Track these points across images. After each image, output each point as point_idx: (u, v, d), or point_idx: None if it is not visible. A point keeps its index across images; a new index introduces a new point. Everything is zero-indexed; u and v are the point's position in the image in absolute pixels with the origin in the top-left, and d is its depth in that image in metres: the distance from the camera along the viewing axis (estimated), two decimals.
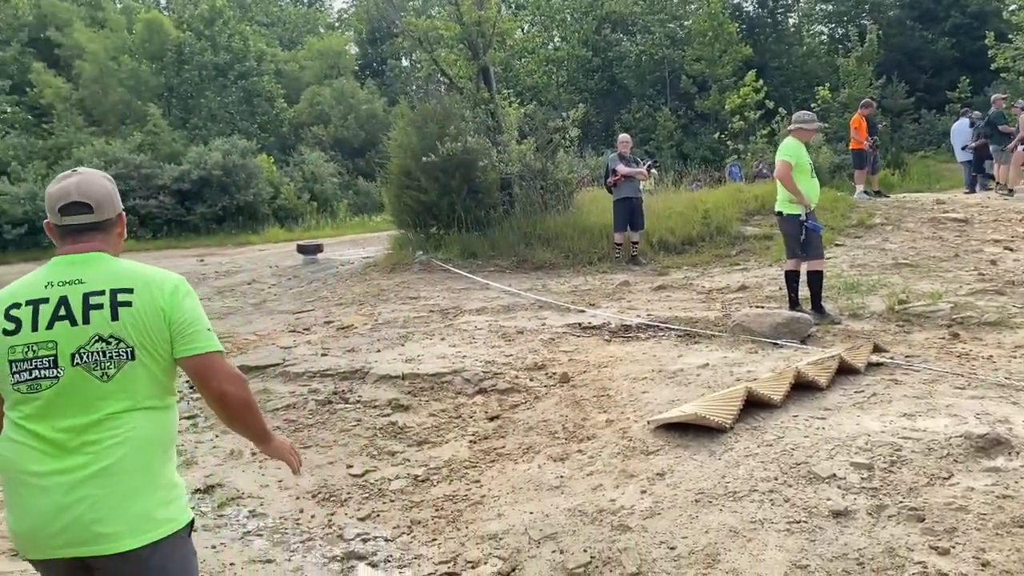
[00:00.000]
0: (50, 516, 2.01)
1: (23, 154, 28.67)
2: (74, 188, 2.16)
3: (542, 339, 7.23)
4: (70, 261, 2.15)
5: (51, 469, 2.03)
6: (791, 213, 7.37)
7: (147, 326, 2.10)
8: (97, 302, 2.08)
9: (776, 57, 38.70)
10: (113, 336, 2.07)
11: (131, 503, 2.04)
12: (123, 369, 2.07)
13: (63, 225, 2.16)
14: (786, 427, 4.47)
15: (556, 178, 13.31)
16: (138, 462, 2.07)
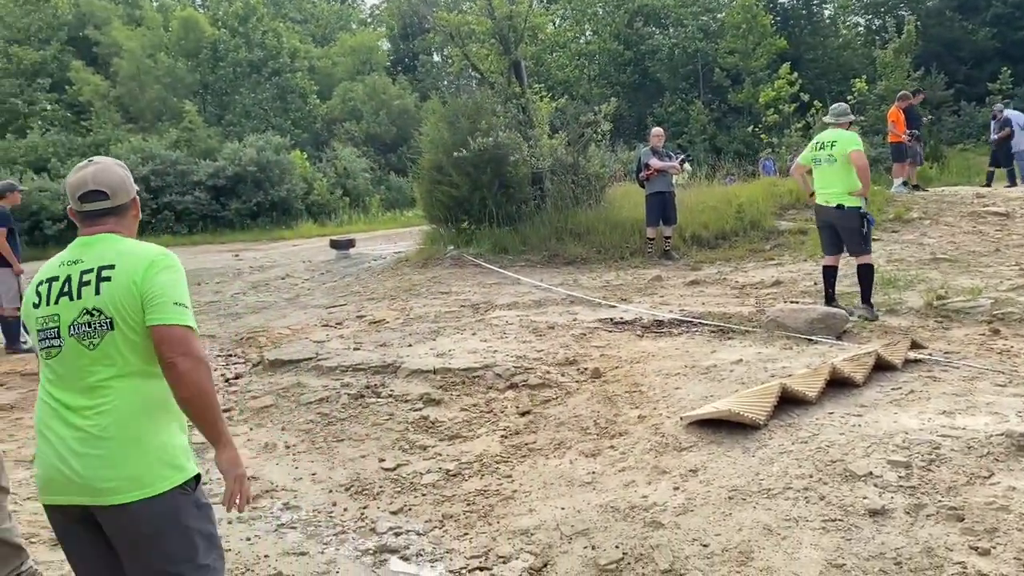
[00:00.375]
0: (57, 466, 2.26)
1: (62, 151, 29.20)
2: (91, 177, 2.38)
3: (573, 334, 7.21)
4: (82, 243, 2.39)
5: (58, 426, 2.28)
6: (853, 206, 7.20)
7: (123, 298, 2.26)
8: (87, 279, 2.29)
9: (811, 49, 38.17)
10: (96, 308, 2.27)
11: (122, 464, 2.23)
12: (105, 339, 2.26)
13: (83, 211, 2.39)
14: (821, 424, 4.41)
15: (588, 172, 13.24)
16: (128, 426, 2.25)
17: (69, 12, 39.00)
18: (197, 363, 2.25)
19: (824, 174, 7.29)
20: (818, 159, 7.33)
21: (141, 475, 2.23)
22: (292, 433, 5.54)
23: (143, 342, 2.27)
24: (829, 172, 7.25)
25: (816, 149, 7.36)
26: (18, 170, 26.26)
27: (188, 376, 2.23)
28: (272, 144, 28.30)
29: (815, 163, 7.37)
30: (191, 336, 2.27)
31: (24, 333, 9.00)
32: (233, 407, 6.12)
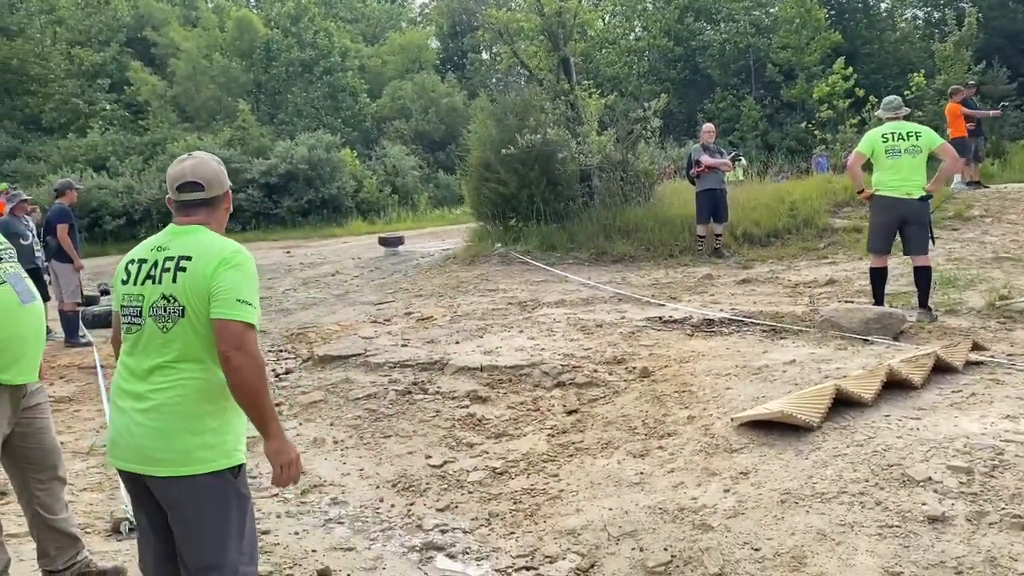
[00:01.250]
0: (123, 433, 2.47)
1: (121, 149, 29.94)
2: (189, 170, 2.58)
3: (622, 333, 7.14)
4: (173, 231, 2.57)
5: (127, 397, 2.49)
6: (928, 199, 7.00)
7: (193, 289, 2.41)
8: (168, 266, 2.47)
9: (867, 43, 37.28)
10: (171, 295, 2.43)
11: (175, 439, 2.40)
12: (176, 324, 2.43)
13: (179, 200, 2.57)
14: (877, 427, 4.29)
15: (637, 169, 13.13)
16: (185, 406, 2.41)
17: (128, 14, 39.99)
18: (250, 359, 2.36)
19: (904, 166, 6.94)
20: (896, 150, 6.98)
21: (189, 452, 2.40)
22: (340, 428, 5.58)
23: (209, 332, 2.41)
24: (911, 164, 6.92)
25: (895, 139, 6.98)
26: (79, 168, 27.02)
27: (240, 371, 2.34)
28: (323, 142, 28.66)
29: (892, 154, 6.96)
30: (248, 332, 2.38)
31: (82, 327, 9.24)
32: (283, 402, 6.19)
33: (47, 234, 9.09)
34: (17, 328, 3.20)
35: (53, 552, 3.39)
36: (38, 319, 3.34)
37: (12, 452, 3.31)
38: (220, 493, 2.45)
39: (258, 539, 3.94)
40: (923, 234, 6.97)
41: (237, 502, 2.49)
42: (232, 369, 2.34)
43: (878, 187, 7.12)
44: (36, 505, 3.35)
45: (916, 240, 7.01)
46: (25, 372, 3.24)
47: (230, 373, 2.35)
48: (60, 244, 8.88)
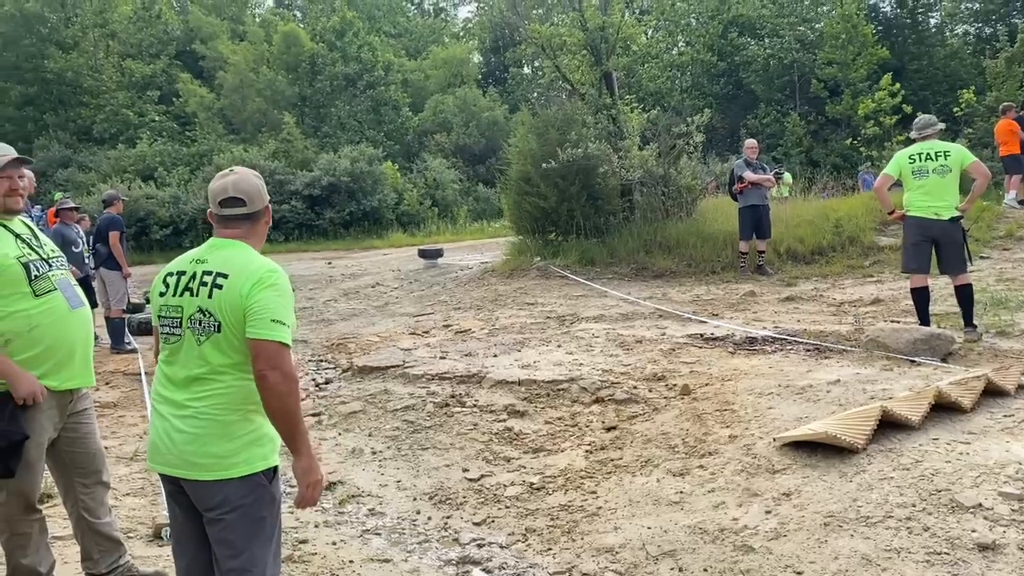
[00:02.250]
0: (163, 438, 2.55)
1: (168, 160, 30.54)
2: (231, 185, 2.63)
3: (662, 349, 7.07)
4: (213, 244, 2.65)
5: (166, 403, 2.58)
6: (959, 219, 6.86)
7: (230, 306, 2.48)
8: (206, 280, 2.54)
9: (915, 59, 36.70)
10: (208, 310, 2.51)
11: (212, 445, 2.49)
12: (211, 338, 2.51)
13: (221, 215, 2.64)
14: (925, 450, 4.18)
15: (679, 184, 13.04)
16: (222, 414, 2.51)
17: (179, 28, 40.89)
18: (285, 379, 2.42)
19: (935, 186, 6.85)
20: (923, 170, 6.90)
21: (226, 458, 2.49)
22: (379, 439, 5.60)
23: (242, 347, 2.49)
24: (941, 184, 6.82)
25: (923, 160, 6.90)
26: (127, 178, 27.60)
27: (275, 389, 2.42)
28: (365, 155, 28.96)
29: (919, 175, 6.89)
30: (283, 352, 2.44)
31: (128, 334, 9.41)
32: (323, 411, 6.23)
33: (96, 241, 9.29)
34: (66, 334, 3.24)
35: (96, 555, 3.44)
36: (86, 324, 3.37)
37: (58, 456, 3.36)
38: (255, 496, 2.53)
39: (295, 547, 3.97)
40: (958, 253, 6.85)
41: (270, 505, 2.59)
42: (267, 387, 2.41)
43: (908, 208, 7.04)
44: (80, 509, 3.39)
45: (951, 259, 6.89)
46: (73, 378, 3.29)
47: (265, 391, 2.42)
48: (111, 252, 9.07)
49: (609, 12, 13.83)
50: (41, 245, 3.35)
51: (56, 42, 34.80)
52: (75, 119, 34.90)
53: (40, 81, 34.38)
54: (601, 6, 14.06)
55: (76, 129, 34.77)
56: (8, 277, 3.10)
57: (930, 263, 7.00)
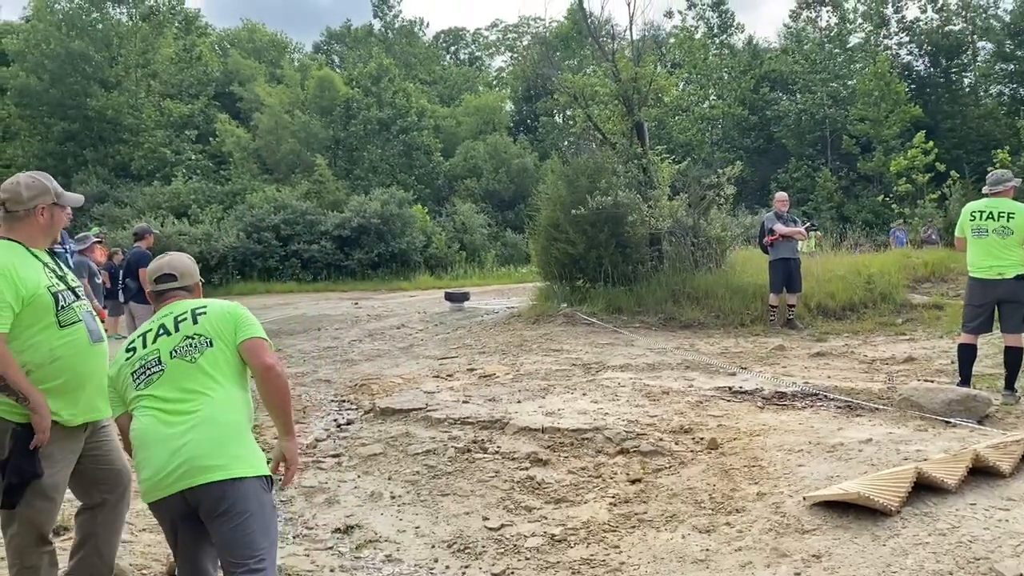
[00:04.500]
0: (166, 460, 2.70)
1: (202, 198, 31.06)
2: (166, 264, 3.18)
3: (689, 401, 6.95)
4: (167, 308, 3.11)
5: (165, 427, 2.75)
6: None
7: (219, 323, 2.96)
8: (183, 318, 2.99)
9: (948, 118, 36.66)
10: (196, 333, 2.92)
11: (225, 444, 2.74)
12: (204, 354, 2.88)
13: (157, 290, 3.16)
14: (962, 516, 4.02)
15: (708, 235, 12.99)
16: (226, 416, 2.80)
17: (218, 69, 41.89)
18: (280, 366, 2.96)
19: (993, 246, 6.69)
20: (983, 229, 6.73)
21: (240, 457, 2.75)
22: (398, 483, 5.51)
23: (233, 358, 2.92)
24: (1000, 244, 6.66)
25: (983, 219, 6.75)
26: (162, 214, 28.06)
27: (277, 375, 2.92)
28: (396, 198, 29.27)
29: (978, 233, 6.73)
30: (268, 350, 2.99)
31: None
32: (343, 453, 6.16)
33: (127, 276, 9.38)
34: (85, 367, 3.22)
35: None
36: (104, 359, 3.35)
37: (83, 475, 3.33)
38: (265, 496, 2.82)
39: None
40: (1017, 313, 6.66)
41: (272, 510, 2.89)
42: (272, 375, 2.90)
43: (969, 267, 6.89)
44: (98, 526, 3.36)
45: (1010, 318, 6.70)
46: (88, 412, 3.26)
47: (270, 379, 2.90)
48: (140, 287, 9.15)
49: (642, 64, 13.95)
50: (64, 274, 3.37)
51: (100, 80, 35.77)
52: (114, 155, 35.72)
53: (82, 118, 35.29)
54: (634, 58, 14.19)
55: (114, 165, 35.56)
56: (37, 307, 3.09)
57: (991, 325, 6.85)
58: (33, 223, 3.22)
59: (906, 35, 40.19)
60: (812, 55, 39.57)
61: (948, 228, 16.67)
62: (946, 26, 39.12)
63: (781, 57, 41.08)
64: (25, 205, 3.18)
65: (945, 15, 39.30)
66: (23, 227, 3.21)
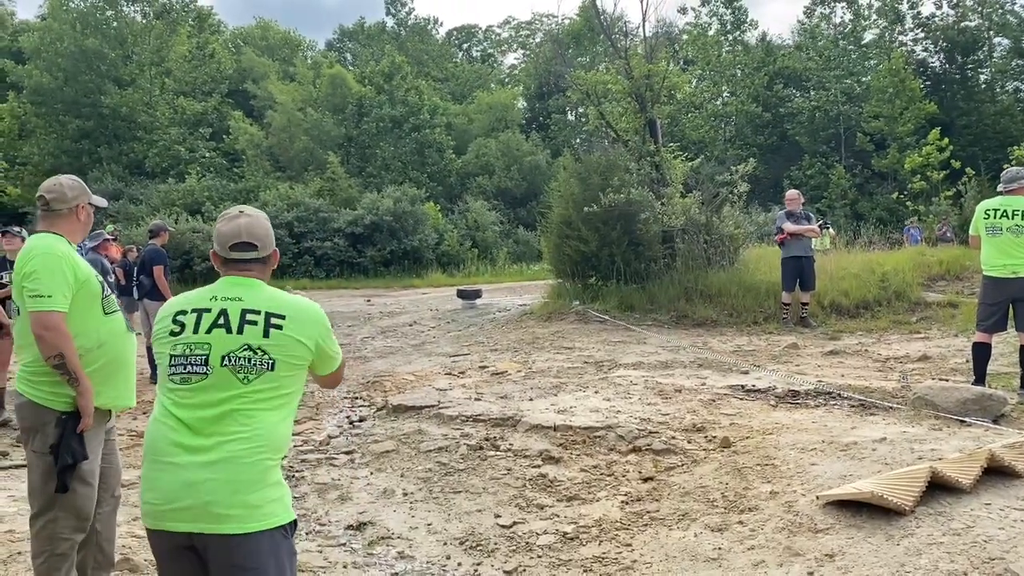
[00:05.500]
0: (176, 491, 2.30)
1: (216, 195, 31.20)
2: (244, 229, 2.55)
3: (701, 399, 6.93)
4: (235, 282, 2.53)
5: (185, 450, 2.34)
6: None
7: (292, 348, 2.45)
8: (253, 319, 2.43)
9: (964, 115, 36.38)
10: (262, 348, 2.40)
11: (246, 493, 2.30)
12: (262, 376, 2.40)
13: (231, 259, 2.56)
14: (977, 516, 4.00)
15: (721, 233, 12.94)
16: (255, 458, 2.34)
17: (231, 67, 42.05)
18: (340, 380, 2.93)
19: (1009, 244, 6.64)
20: (996, 228, 6.67)
21: (260, 507, 2.31)
22: (410, 480, 5.52)
23: (290, 387, 2.47)
24: (1014, 243, 6.62)
25: (998, 216, 6.70)
26: (175, 211, 28.22)
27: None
28: (408, 195, 29.33)
29: (993, 232, 6.68)
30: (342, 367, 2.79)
31: None
32: (355, 450, 6.18)
33: (140, 273, 9.44)
34: (123, 354, 3.41)
35: (90, 571, 3.45)
36: (135, 349, 3.55)
37: None
38: (283, 549, 2.39)
39: None
40: None
41: (291, 560, 2.43)
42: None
43: (983, 266, 6.83)
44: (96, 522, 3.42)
45: None
46: (121, 397, 3.43)
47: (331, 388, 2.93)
48: (155, 284, 9.20)
49: (655, 61, 13.90)
50: None
51: (114, 79, 35.97)
52: (128, 153, 35.92)
53: (97, 116, 35.50)
54: (647, 55, 14.15)
55: (129, 163, 35.76)
56: (87, 293, 3.30)
57: (1006, 323, 6.80)
58: (73, 220, 3.46)
59: (921, 31, 39.94)
60: (826, 52, 39.38)
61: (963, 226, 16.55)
62: (962, 22, 38.82)
63: (795, 54, 40.89)
64: (68, 204, 3.42)
65: (961, 11, 39.00)
66: (65, 223, 3.43)
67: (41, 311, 3.16)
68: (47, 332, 3.15)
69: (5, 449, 6.47)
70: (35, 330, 3.18)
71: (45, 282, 3.18)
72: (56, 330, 3.16)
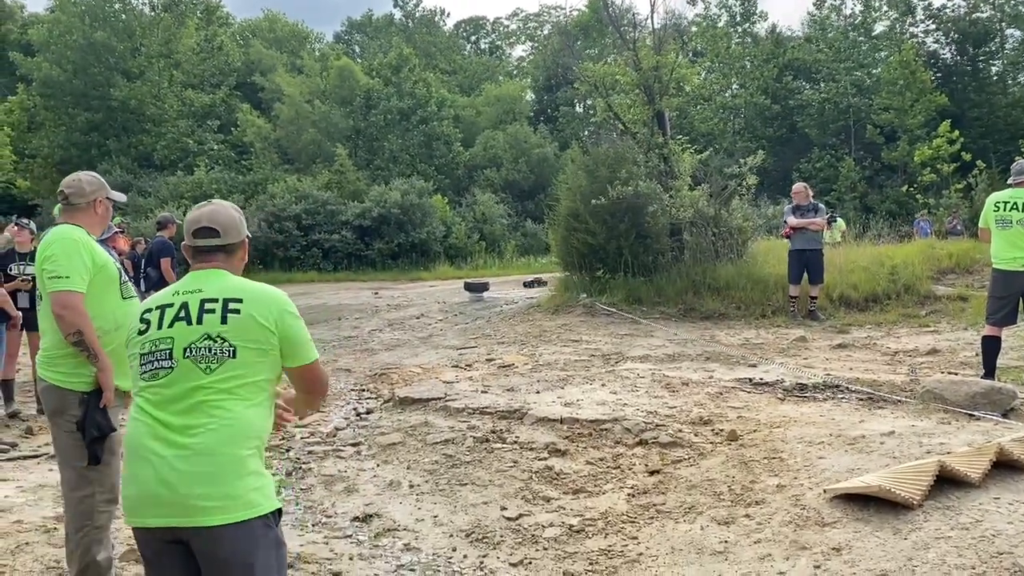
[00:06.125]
0: (153, 486, 2.28)
1: (224, 188, 31.25)
2: (206, 216, 2.58)
3: (709, 392, 6.91)
4: (196, 275, 2.54)
5: (158, 445, 2.31)
6: None
7: (251, 332, 2.40)
8: (211, 307, 2.41)
9: (975, 107, 36.12)
10: (220, 336, 2.37)
11: (223, 483, 2.27)
12: (223, 364, 2.36)
13: (195, 246, 2.57)
14: (986, 510, 3.97)
15: (730, 225, 12.90)
16: (230, 448, 2.31)
17: (239, 59, 42.07)
18: (326, 385, 2.71)
19: (1019, 237, 6.60)
20: (1006, 220, 6.62)
21: (240, 496, 2.28)
22: (417, 472, 5.53)
23: (256, 374, 2.41)
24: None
25: (1007, 209, 6.65)
26: (184, 204, 28.27)
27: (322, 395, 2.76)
28: (416, 188, 29.31)
29: (1002, 224, 6.64)
30: (319, 366, 2.61)
31: None
32: (362, 442, 6.19)
33: (148, 266, 9.47)
34: None
35: None
36: None
37: None
38: (270, 539, 2.34)
39: None
40: None
41: (278, 550, 2.38)
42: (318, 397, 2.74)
43: (993, 258, 6.78)
44: None
45: None
46: None
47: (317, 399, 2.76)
48: (163, 276, 9.24)
49: (663, 52, 13.84)
50: None
51: (122, 71, 36.01)
52: (137, 145, 35.99)
53: (105, 108, 35.56)
54: (655, 46, 14.08)
55: (137, 155, 35.83)
56: (107, 276, 3.50)
57: (1016, 316, 6.76)
58: (91, 214, 3.65)
59: (932, 22, 39.64)
60: (836, 43, 39.15)
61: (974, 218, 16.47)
62: (973, 13, 38.51)
63: (804, 45, 40.65)
64: (87, 198, 3.62)
65: (972, 2, 38.68)
66: (84, 217, 3.61)
67: (60, 291, 3.34)
68: (65, 311, 3.33)
69: (14, 440, 6.49)
70: (55, 309, 3.35)
71: (63, 264, 3.37)
72: (74, 309, 3.34)
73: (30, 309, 6.88)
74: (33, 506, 4.88)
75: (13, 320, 7.02)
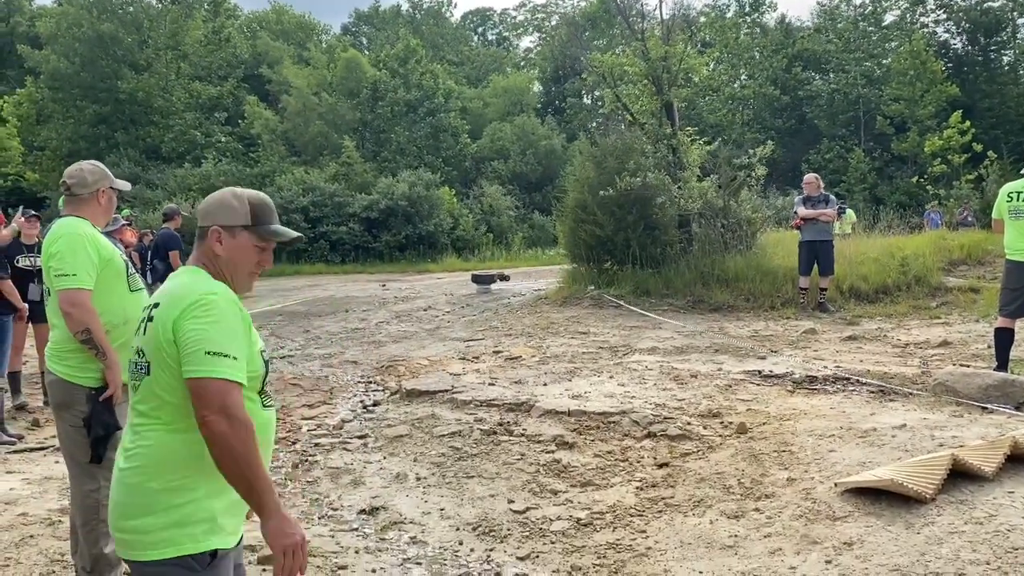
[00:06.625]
0: None
1: (232, 180, 31.21)
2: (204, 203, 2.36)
3: (717, 385, 6.86)
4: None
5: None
6: None
7: (159, 342, 2.05)
8: (145, 315, 2.16)
9: (986, 97, 35.83)
10: (141, 350, 2.13)
11: (131, 518, 2.06)
12: (143, 382, 2.10)
13: None
14: (1000, 504, 3.92)
15: (739, 217, 12.81)
16: (148, 478, 2.04)
17: (246, 51, 42.05)
18: (230, 423, 1.93)
19: None
20: (1019, 211, 6.58)
21: (148, 533, 2.03)
22: (423, 465, 5.50)
23: (171, 394, 2.05)
24: None
25: (1019, 200, 6.61)
26: (192, 196, 28.28)
27: (223, 438, 1.93)
28: (423, 180, 29.27)
29: (1015, 215, 6.60)
30: (230, 391, 1.97)
31: None
32: (368, 434, 6.17)
33: (155, 258, 9.45)
34: None
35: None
36: None
37: None
38: None
39: (333, 572, 3.87)
40: None
41: None
42: (212, 435, 1.93)
43: (1007, 249, 6.73)
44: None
45: None
46: None
47: (210, 440, 1.94)
48: (169, 268, 9.22)
49: (672, 43, 13.74)
50: None
51: (130, 63, 36.02)
52: (144, 138, 36.02)
53: (113, 101, 35.57)
54: (664, 37, 13.98)
55: (145, 147, 35.86)
56: (113, 269, 3.50)
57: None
58: (95, 204, 3.65)
59: (943, 12, 39.34)
60: (846, 34, 38.90)
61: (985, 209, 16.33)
62: (985, 3, 38.19)
63: (814, 36, 40.41)
64: (89, 188, 3.61)
65: None
66: (87, 207, 3.62)
67: (68, 289, 3.36)
68: (73, 309, 3.34)
69: (21, 432, 6.49)
70: (63, 307, 3.36)
71: (69, 261, 3.38)
72: (82, 306, 3.34)
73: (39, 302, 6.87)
74: (38, 498, 4.87)
75: (20, 312, 7.01)
